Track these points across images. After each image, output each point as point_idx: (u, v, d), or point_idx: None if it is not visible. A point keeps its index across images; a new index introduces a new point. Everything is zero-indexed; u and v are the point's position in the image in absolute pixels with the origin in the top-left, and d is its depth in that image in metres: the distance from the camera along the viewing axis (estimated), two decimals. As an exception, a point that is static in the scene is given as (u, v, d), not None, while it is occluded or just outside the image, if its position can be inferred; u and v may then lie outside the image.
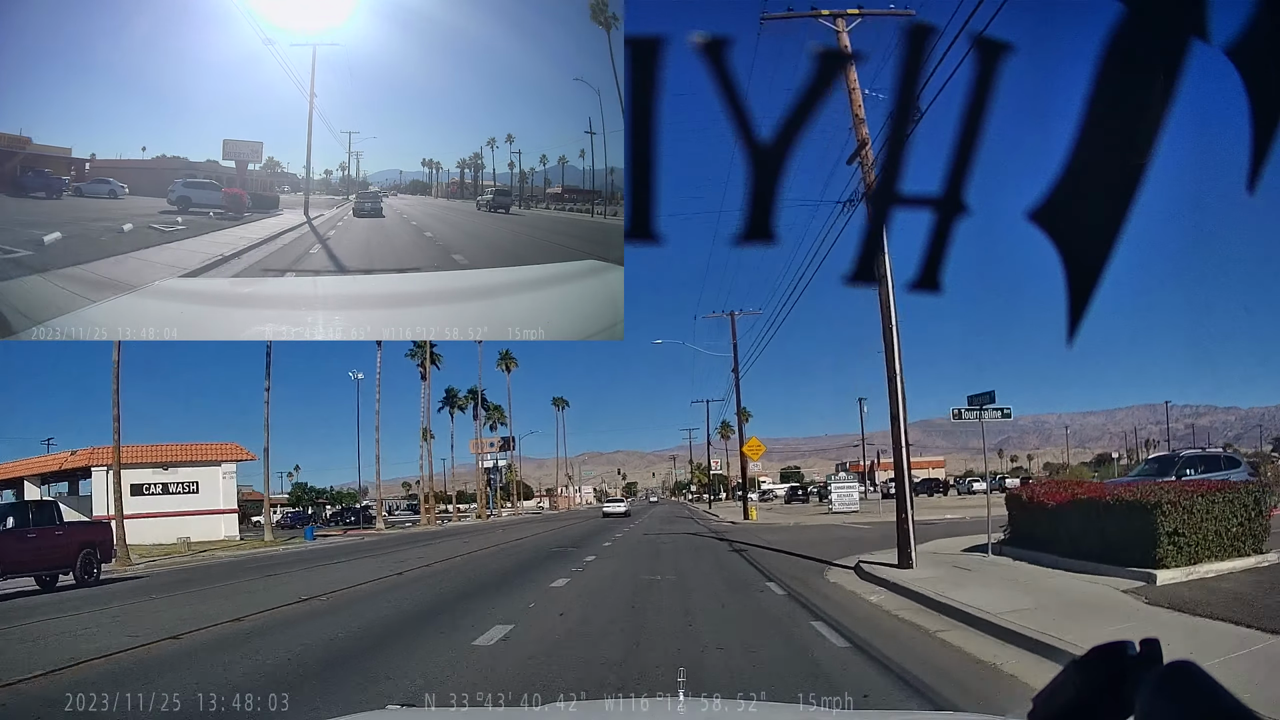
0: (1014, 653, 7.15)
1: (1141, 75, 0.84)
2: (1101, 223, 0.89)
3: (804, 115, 0.95)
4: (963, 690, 6.03)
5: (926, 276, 1.01)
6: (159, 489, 39.75)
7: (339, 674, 6.88)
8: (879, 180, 1.02)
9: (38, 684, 6.87)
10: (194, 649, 8.44)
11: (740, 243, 1.00)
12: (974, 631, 8.19)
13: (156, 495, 39.13)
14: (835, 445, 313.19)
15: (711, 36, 0.94)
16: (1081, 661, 1.02)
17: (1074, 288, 0.91)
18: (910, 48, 0.94)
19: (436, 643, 8.33)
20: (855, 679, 6.21)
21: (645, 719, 3.03)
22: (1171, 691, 0.82)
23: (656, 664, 6.90)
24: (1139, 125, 0.85)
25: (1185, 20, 0.81)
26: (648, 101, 0.96)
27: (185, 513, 37.97)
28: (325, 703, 5.78)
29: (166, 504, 38.84)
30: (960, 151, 0.97)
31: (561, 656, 7.35)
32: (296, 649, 8.17)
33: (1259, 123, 0.80)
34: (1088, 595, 9.44)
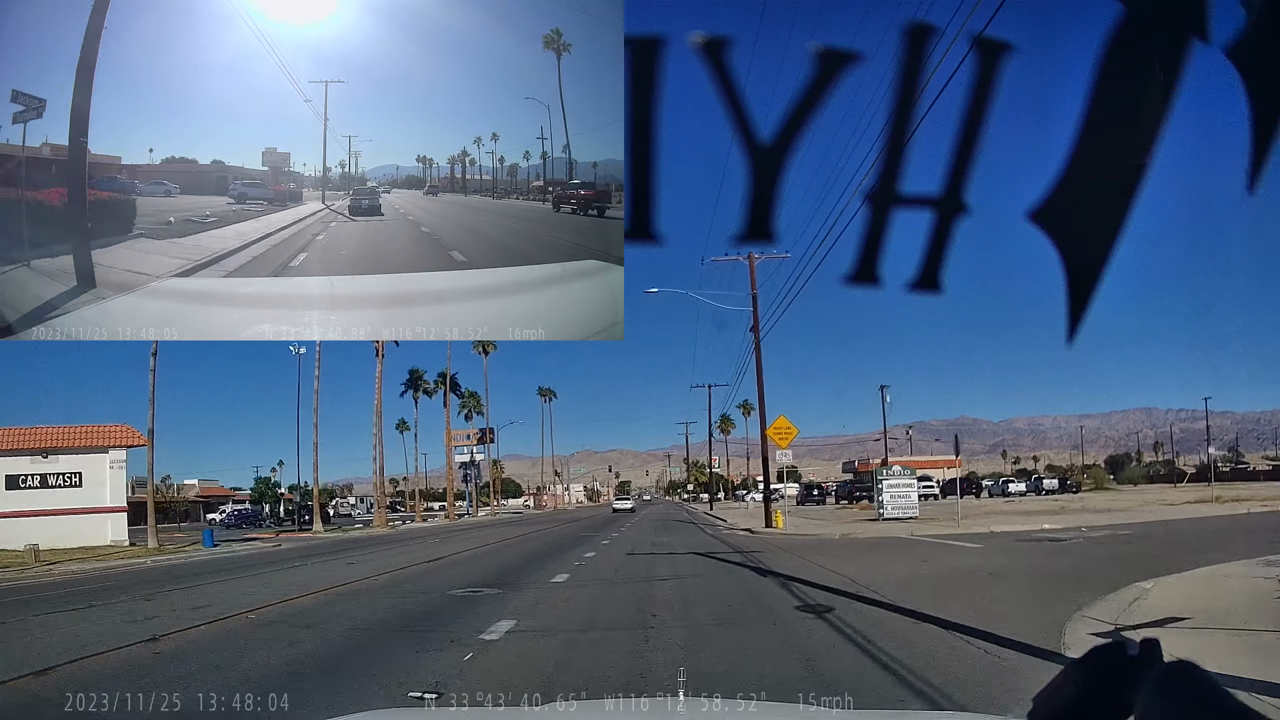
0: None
1: (1141, 76, 0.84)
2: (1101, 223, 0.90)
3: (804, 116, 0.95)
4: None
5: (926, 276, 1.01)
6: (36, 481, 31.95)
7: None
8: (879, 181, 1.02)
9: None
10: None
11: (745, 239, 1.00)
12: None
13: (34, 489, 31.79)
14: (829, 444, 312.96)
15: (711, 36, 0.94)
16: (1081, 662, 1.02)
17: (1074, 288, 0.92)
18: (909, 52, 0.94)
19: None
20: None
21: (645, 719, 3.03)
22: (1171, 691, 0.82)
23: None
24: (1139, 125, 0.86)
25: (1185, 20, 0.81)
26: (647, 102, 0.96)
27: (62, 511, 30.73)
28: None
29: (45, 500, 31.43)
30: (960, 151, 0.97)
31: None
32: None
33: (1259, 123, 0.80)
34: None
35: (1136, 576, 10.96)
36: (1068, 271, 0.92)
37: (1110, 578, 11.09)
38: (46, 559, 23.70)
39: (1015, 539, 20.17)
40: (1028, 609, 9.32)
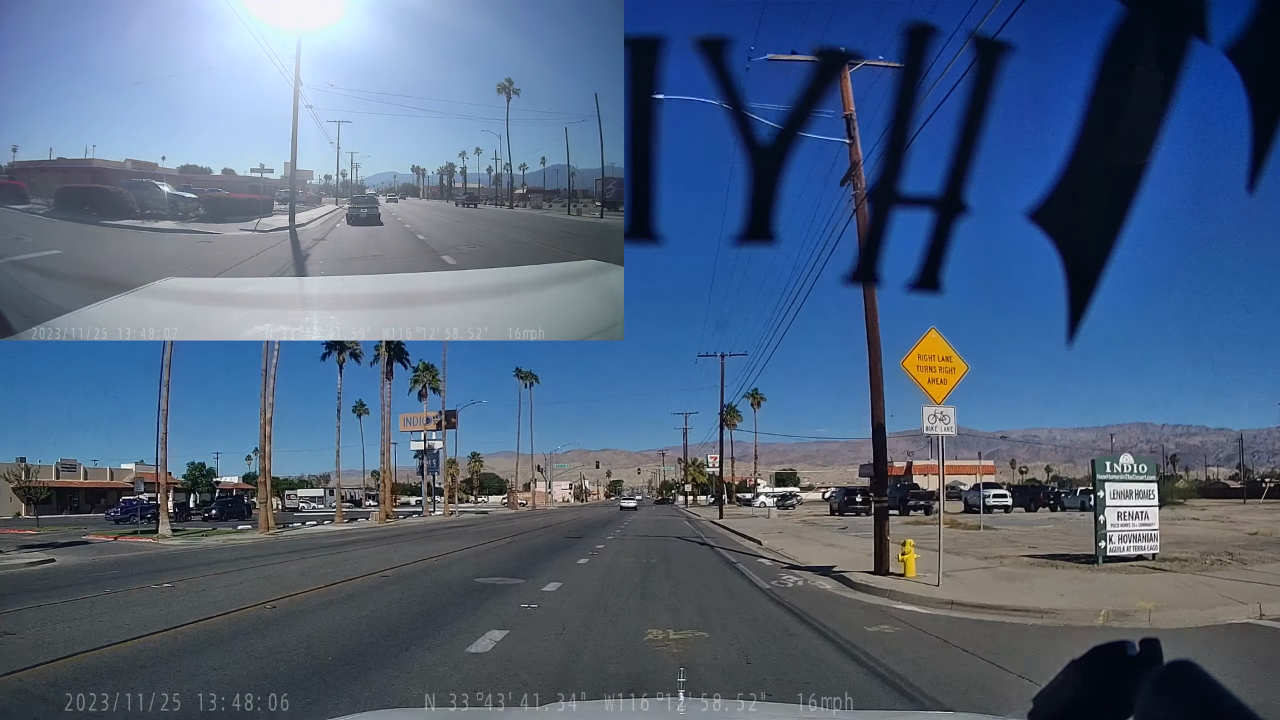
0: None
1: (1142, 76, 0.84)
2: (1101, 223, 0.90)
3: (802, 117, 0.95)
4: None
5: (926, 277, 1.01)
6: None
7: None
8: (879, 182, 1.02)
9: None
10: None
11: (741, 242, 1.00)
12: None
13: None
14: (823, 451, 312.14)
15: (710, 36, 0.94)
16: (1081, 661, 1.02)
17: (1074, 288, 0.91)
18: (910, 52, 0.94)
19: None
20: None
21: (645, 719, 3.02)
22: (1171, 691, 0.82)
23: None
24: (1139, 126, 0.86)
25: (1185, 20, 0.81)
26: (647, 102, 0.96)
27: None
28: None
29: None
30: (960, 152, 0.97)
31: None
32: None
33: (1259, 123, 0.80)
34: None
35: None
36: (1068, 272, 0.92)
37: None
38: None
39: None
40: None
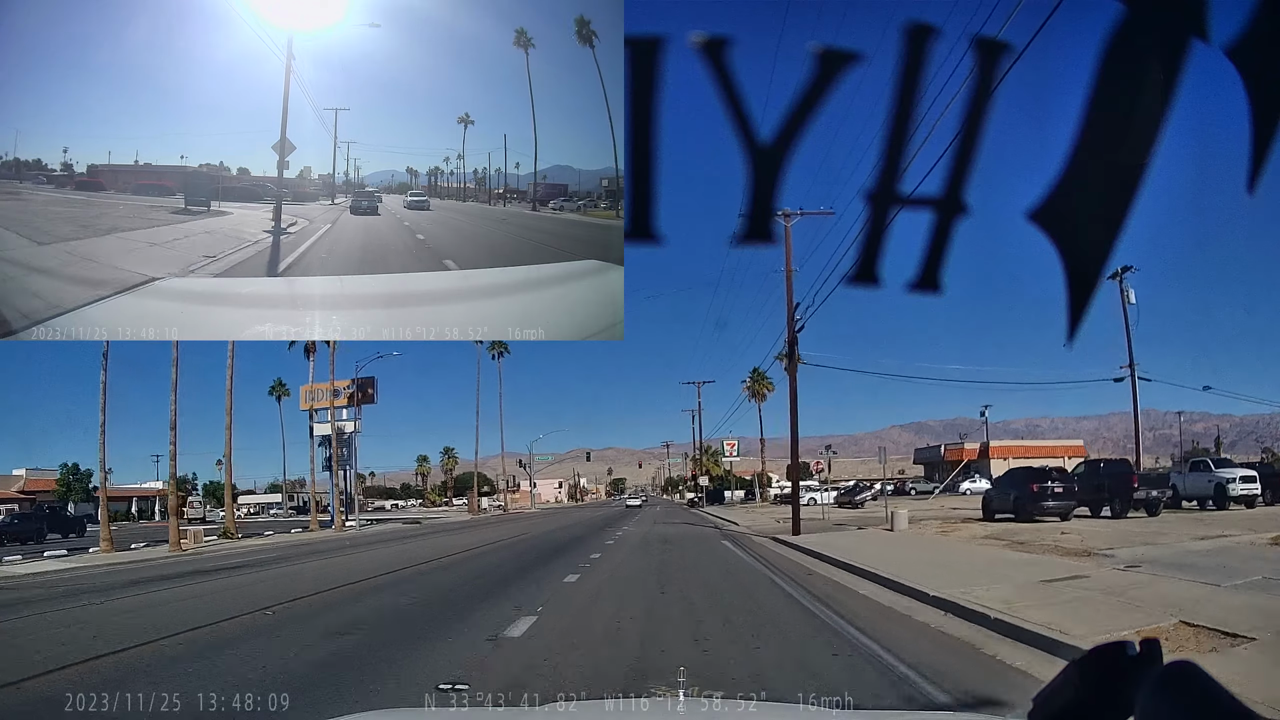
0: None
1: (1141, 75, 0.84)
2: (1101, 223, 0.89)
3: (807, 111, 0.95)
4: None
5: (926, 276, 1.01)
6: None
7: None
8: (879, 181, 1.02)
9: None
10: None
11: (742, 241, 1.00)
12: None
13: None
14: (821, 445, 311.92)
15: (711, 36, 0.94)
16: (1081, 661, 1.01)
17: (1074, 288, 0.91)
18: (910, 53, 0.94)
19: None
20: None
21: (645, 718, 3.02)
22: (1171, 691, 0.82)
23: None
24: (1139, 126, 0.85)
25: (1185, 20, 0.81)
26: (647, 102, 0.96)
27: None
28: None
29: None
30: (960, 152, 0.97)
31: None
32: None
33: (1259, 123, 0.80)
34: None
35: None
36: (1067, 271, 0.92)
37: None
38: None
39: None
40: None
